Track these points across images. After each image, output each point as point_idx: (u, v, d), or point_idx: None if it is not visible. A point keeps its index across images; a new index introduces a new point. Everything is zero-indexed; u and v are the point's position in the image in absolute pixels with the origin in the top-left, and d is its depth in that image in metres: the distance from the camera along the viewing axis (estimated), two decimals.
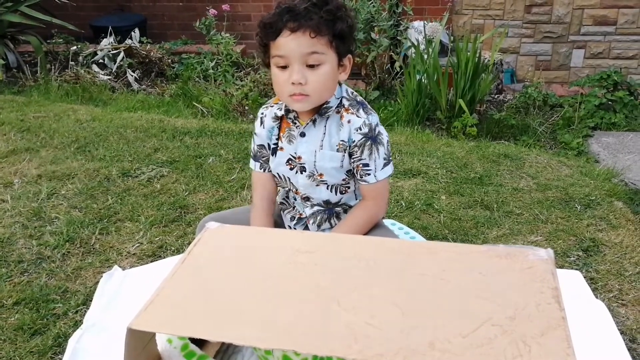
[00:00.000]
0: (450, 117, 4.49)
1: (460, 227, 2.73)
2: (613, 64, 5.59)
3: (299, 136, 1.76)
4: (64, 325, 2.08)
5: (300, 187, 1.82)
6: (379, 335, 0.94)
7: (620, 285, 2.33)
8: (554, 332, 0.93)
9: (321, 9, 1.57)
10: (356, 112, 1.70)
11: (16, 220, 2.77)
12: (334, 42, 1.60)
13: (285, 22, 1.57)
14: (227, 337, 0.98)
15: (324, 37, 1.58)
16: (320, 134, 1.73)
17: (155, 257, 2.50)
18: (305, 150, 1.75)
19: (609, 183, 3.27)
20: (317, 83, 1.61)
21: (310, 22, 1.55)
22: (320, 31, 1.57)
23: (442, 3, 5.72)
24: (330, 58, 1.61)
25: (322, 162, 1.74)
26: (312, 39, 1.57)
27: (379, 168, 1.73)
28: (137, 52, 5.79)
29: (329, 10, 1.57)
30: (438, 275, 1.09)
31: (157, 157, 3.49)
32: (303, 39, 1.57)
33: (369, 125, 1.69)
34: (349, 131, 1.70)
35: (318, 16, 1.56)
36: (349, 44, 1.66)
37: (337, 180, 1.77)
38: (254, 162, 1.90)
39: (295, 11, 1.56)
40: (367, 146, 1.70)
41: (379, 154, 1.71)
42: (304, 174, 1.78)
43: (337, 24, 1.59)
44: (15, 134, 3.88)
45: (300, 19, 1.56)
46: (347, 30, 1.62)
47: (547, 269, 1.09)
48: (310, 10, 1.56)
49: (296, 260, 1.16)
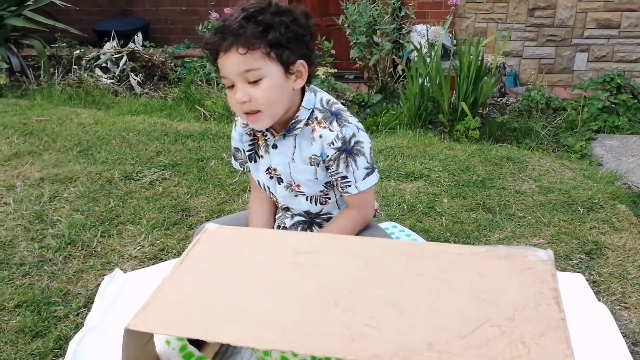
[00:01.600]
0: (452, 120, 4.48)
1: (462, 230, 2.72)
2: (616, 67, 5.58)
3: (271, 147, 1.72)
4: (65, 327, 2.08)
5: (280, 198, 1.80)
6: (377, 336, 0.94)
7: (623, 289, 2.32)
8: (553, 333, 0.93)
9: (249, 21, 1.49)
10: (329, 125, 1.62)
11: (18, 223, 2.78)
12: (271, 52, 1.51)
13: (218, 44, 1.51)
14: (225, 338, 0.98)
15: (257, 51, 1.49)
16: (290, 147, 1.68)
17: (157, 260, 2.49)
18: (279, 161, 1.72)
19: (612, 186, 3.26)
20: (262, 98, 1.54)
21: (236, 39, 1.48)
22: (252, 46, 1.48)
23: (445, 6, 5.72)
24: (270, 70, 1.53)
25: (296, 174, 1.71)
26: (243, 56, 1.49)
27: (360, 179, 1.66)
28: (140, 56, 5.81)
29: (258, 21, 1.49)
30: (437, 276, 1.09)
31: (160, 160, 3.49)
32: (235, 57, 1.50)
33: (343, 138, 1.61)
34: (321, 146, 1.63)
35: (244, 30, 1.48)
36: (297, 50, 1.56)
37: (314, 191, 1.74)
38: (234, 162, 1.89)
39: (226, 29, 1.50)
40: (342, 159, 1.63)
41: (357, 165, 1.65)
42: (281, 185, 1.76)
43: (270, 34, 1.49)
44: (18, 137, 3.89)
45: (230, 36, 1.49)
46: (286, 36, 1.52)
47: (547, 270, 1.09)
48: (241, 25, 1.49)
49: (295, 261, 1.16)
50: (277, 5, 1.53)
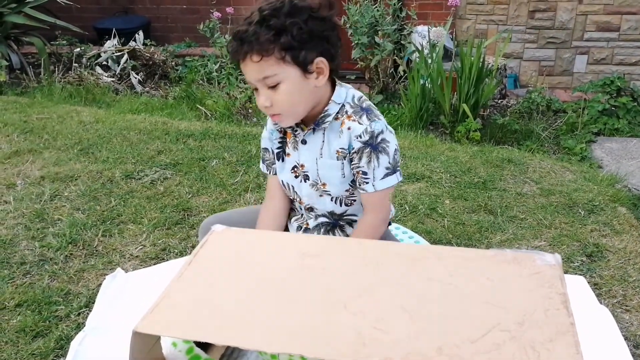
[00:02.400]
0: (453, 122, 4.48)
1: (464, 232, 2.72)
2: (616, 69, 5.58)
3: (300, 143, 1.72)
4: (66, 327, 2.08)
5: (304, 197, 1.79)
6: (386, 340, 0.94)
7: (624, 291, 2.32)
8: (562, 337, 0.93)
9: (261, 26, 1.47)
10: (358, 118, 1.62)
11: (19, 221, 2.77)
12: (286, 56, 1.49)
13: (236, 52, 1.51)
14: (232, 340, 0.97)
15: (271, 57, 1.48)
16: (319, 141, 1.68)
17: (159, 259, 2.49)
18: (307, 158, 1.72)
19: (613, 189, 3.26)
20: (282, 102, 1.55)
21: (249, 47, 1.47)
22: (265, 52, 1.47)
23: (446, 8, 5.71)
24: (287, 74, 1.51)
25: (323, 171, 1.70)
26: (258, 63, 1.49)
27: (378, 177, 1.64)
28: (141, 55, 5.80)
29: (270, 25, 1.46)
30: (445, 280, 1.09)
31: (161, 160, 3.48)
32: (251, 66, 1.50)
33: (371, 132, 1.60)
34: (348, 138, 1.63)
35: (256, 37, 1.46)
36: (314, 48, 1.53)
37: (340, 191, 1.73)
38: (262, 165, 1.89)
39: (239, 37, 1.49)
40: (365, 153, 1.62)
41: (379, 162, 1.63)
42: (307, 183, 1.75)
43: (282, 38, 1.47)
44: (19, 135, 3.89)
45: (244, 44, 1.48)
46: (299, 38, 1.49)
47: (555, 275, 1.09)
48: (249, 32, 1.47)
49: (303, 263, 1.16)
50: (292, 4, 1.49)
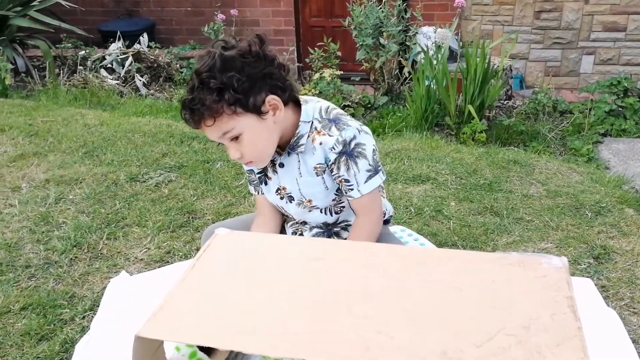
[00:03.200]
0: (459, 123, 4.47)
1: (469, 234, 2.70)
2: (623, 70, 5.56)
3: (279, 167, 1.72)
4: (71, 330, 2.07)
5: (294, 215, 1.80)
6: (390, 344, 0.93)
7: (631, 294, 2.30)
8: (569, 342, 0.92)
9: (201, 92, 1.46)
10: (328, 131, 1.61)
11: (24, 224, 2.77)
12: (236, 109, 1.48)
13: (189, 120, 1.51)
14: (236, 345, 0.96)
15: (222, 116, 1.48)
16: (295, 162, 1.68)
17: (163, 262, 2.49)
18: (287, 180, 1.72)
19: (620, 190, 3.24)
20: (250, 151, 1.56)
21: (201, 113, 1.47)
22: (216, 114, 1.47)
23: (451, 9, 5.70)
24: (244, 124, 1.51)
25: (305, 189, 1.71)
26: (213, 126, 1.49)
27: (362, 182, 1.64)
28: (146, 57, 5.80)
29: (210, 88, 1.45)
30: (450, 284, 1.08)
31: (165, 162, 3.48)
32: (208, 129, 1.50)
33: (343, 141, 1.59)
34: (323, 153, 1.62)
35: (205, 101, 1.45)
36: (260, 90, 1.52)
37: (327, 202, 1.73)
38: (250, 187, 1.90)
39: (188, 107, 1.48)
40: (343, 162, 1.61)
41: (359, 167, 1.62)
42: (293, 203, 1.76)
43: (225, 95, 1.46)
44: (24, 138, 3.89)
45: (194, 113, 1.48)
46: (241, 88, 1.48)
47: (562, 278, 1.07)
48: (199, 98, 1.46)
49: (307, 267, 1.15)
50: (222, 58, 1.47)
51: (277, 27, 6.53)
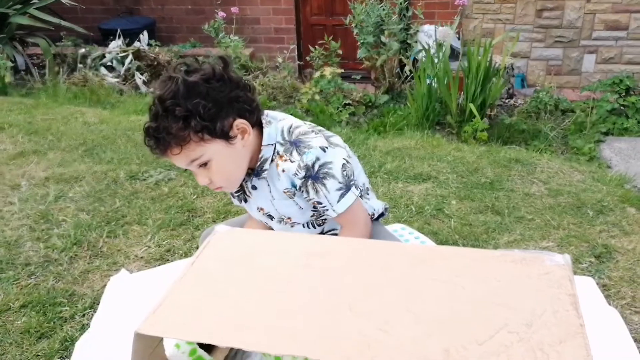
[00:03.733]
0: (460, 122, 4.46)
1: (471, 233, 2.70)
2: (625, 69, 5.54)
3: (252, 189, 1.68)
4: (70, 328, 2.07)
5: (278, 230, 1.78)
6: (392, 341, 0.92)
7: (633, 293, 2.30)
8: (572, 340, 0.91)
9: (165, 120, 1.40)
10: (289, 156, 1.55)
11: (23, 222, 2.76)
12: (204, 135, 1.44)
13: (155, 148, 1.45)
14: (236, 342, 0.96)
15: (190, 143, 1.44)
16: (265, 186, 1.65)
17: (163, 260, 2.48)
18: (262, 201, 1.70)
19: (622, 189, 3.23)
20: (219, 177, 1.53)
21: (167, 142, 1.42)
22: (182, 142, 1.43)
23: (452, 7, 5.69)
24: (212, 150, 1.48)
25: (282, 209, 1.68)
26: (179, 155, 1.45)
27: (335, 202, 1.58)
28: (146, 55, 5.80)
29: (175, 116, 1.40)
30: (452, 281, 1.07)
31: (165, 160, 3.47)
32: (173, 158, 1.46)
33: (305, 166, 1.52)
34: (287, 179, 1.57)
35: (171, 129, 1.40)
36: (227, 114, 1.48)
37: (306, 218, 1.71)
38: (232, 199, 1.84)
39: (152, 135, 1.43)
40: (310, 186, 1.56)
41: (328, 189, 1.56)
42: (274, 220, 1.74)
43: (192, 122, 1.41)
44: (23, 136, 3.88)
45: (159, 142, 1.43)
46: (208, 115, 1.43)
47: (564, 275, 1.06)
48: (164, 126, 1.41)
49: (307, 264, 1.14)
50: (186, 84, 1.42)
51: (277, 25, 6.53)
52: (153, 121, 1.43)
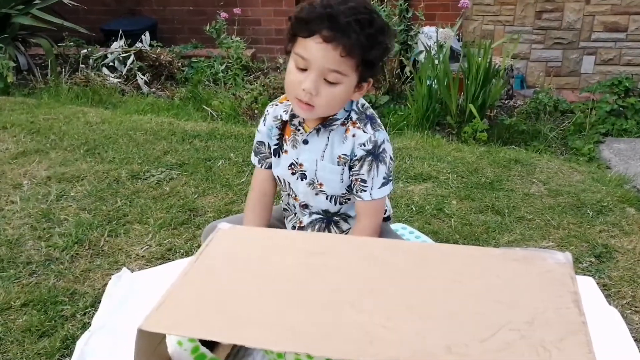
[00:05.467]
0: (460, 122, 4.47)
1: (471, 232, 2.70)
2: (624, 70, 5.55)
3: (302, 143, 1.69)
4: (72, 327, 2.07)
5: (300, 194, 1.77)
6: (394, 338, 0.92)
7: (633, 292, 2.30)
8: (574, 337, 0.91)
9: (363, 29, 1.43)
10: (363, 126, 1.62)
11: (25, 221, 2.77)
12: (361, 66, 1.49)
13: (321, 27, 1.43)
14: (239, 339, 0.96)
15: (353, 60, 1.46)
16: (322, 144, 1.66)
17: (164, 259, 2.49)
18: (307, 158, 1.69)
19: (621, 189, 3.24)
20: (328, 99, 1.52)
21: (345, 40, 1.42)
22: (352, 53, 1.44)
23: (452, 9, 5.70)
24: (350, 79, 1.51)
25: (322, 172, 1.68)
26: (341, 58, 1.44)
27: (376, 186, 1.64)
28: (147, 56, 5.80)
29: (370, 34, 1.44)
30: (453, 278, 1.07)
31: (167, 160, 3.48)
32: (331, 54, 1.44)
33: (375, 142, 1.60)
34: (352, 145, 1.62)
35: (357, 36, 1.42)
36: (375, 71, 1.56)
37: (336, 192, 1.72)
38: (253, 157, 1.84)
39: (336, 21, 1.42)
40: (367, 161, 1.62)
41: (379, 172, 1.63)
42: (304, 181, 1.73)
43: (372, 51, 1.47)
44: (25, 135, 3.89)
45: (338, 31, 1.42)
46: (379, 58, 1.52)
47: (566, 273, 1.07)
48: (351, 26, 1.41)
49: (309, 261, 1.14)
50: (380, 20, 1.49)
51: (278, 27, 6.53)
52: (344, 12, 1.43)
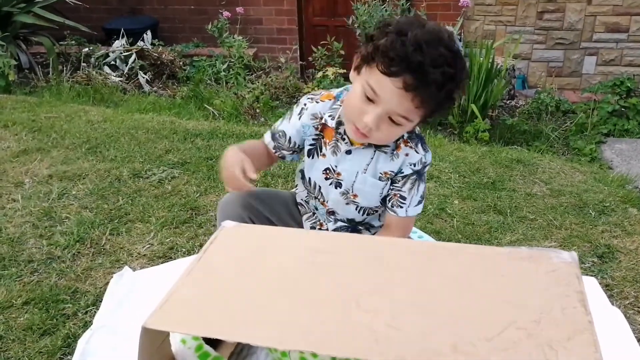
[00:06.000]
0: (462, 122, 4.46)
1: (473, 232, 2.70)
2: (625, 70, 5.55)
3: (344, 152, 1.65)
4: (73, 325, 2.06)
5: (330, 202, 1.74)
6: (400, 337, 0.92)
7: (636, 293, 2.30)
8: (580, 336, 0.91)
9: (445, 85, 1.36)
10: (415, 146, 1.60)
11: (27, 220, 2.76)
12: (430, 115, 1.45)
13: (403, 71, 1.34)
14: (243, 337, 0.96)
15: (426, 110, 1.42)
16: (367, 157, 1.63)
17: (166, 258, 2.48)
18: (347, 168, 1.66)
19: (623, 189, 3.24)
20: (385, 136, 1.50)
21: (426, 92, 1.35)
22: (427, 105, 1.39)
23: (454, 9, 5.70)
24: (414, 123, 1.48)
25: (360, 185, 1.66)
26: (412, 105, 1.39)
27: (413, 205, 1.64)
28: (149, 54, 5.80)
29: (449, 90, 1.38)
30: (460, 277, 1.07)
31: (168, 159, 3.47)
32: (407, 102, 1.38)
33: (424, 163, 1.61)
34: (401, 163, 1.60)
35: (437, 90, 1.35)
36: (442, 116, 1.56)
37: (370, 205, 1.71)
38: (270, 140, 1.76)
39: (423, 72, 1.33)
40: (411, 179, 1.61)
41: (419, 190, 1.63)
42: (338, 190, 1.70)
43: (446, 104, 1.43)
44: (27, 134, 3.88)
45: (420, 83, 1.34)
46: (448, 109, 1.49)
47: (572, 272, 1.07)
48: (437, 79, 1.34)
49: (314, 260, 1.14)
50: (464, 71, 1.42)
51: (280, 26, 6.53)
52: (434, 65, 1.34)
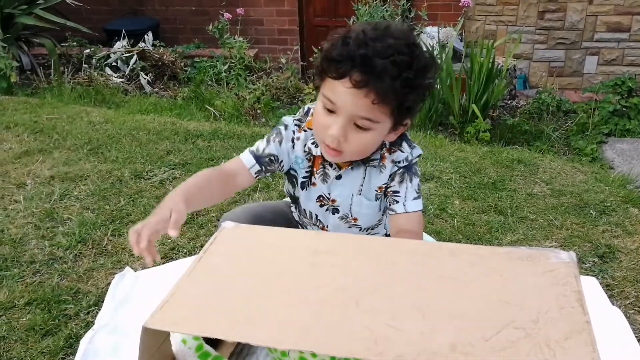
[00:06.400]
0: (463, 123, 4.47)
1: (474, 232, 2.70)
2: (627, 70, 5.55)
3: (334, 178, 1.58)
4: (75, 326, 2.07)
5: (330, 226, 1.68)
6: (399, 337, 0.92)
7: (637, 293, 2.30)
8: (578, 336, 0.91)
9: (400, 73, 1.26)
10: (399, 147, 1.52)
11: (29, 220, 2.77)
12: (396, 111, 1.33)
13: (351, 69, 1.27)
14: (243, 337, 0.96)
15: (387, 106, 1.30)
16: (358, 178, 1.56)
17: (167, 259, 2.48)
18: (340, 193, 1.59)
19: (624, 189, 3.24)
20: (357, 146, 1.39)
21: (379, 85, 1.26)
22: (386, 100, 1.28)
23: (455, 9, 5.71)
24: (383, 125, 1.37)
25: (358, 207, 1.60)
26: (373, 106, 1.29)
27: (410, 198, 1.53)
28: (150, 56, 5.81)
29: (407, 78, 1.26)
30: (458, 277, 1.07)
31: (170, 160, 3.48)
32: (362, 101, 1.29)
33: (410, 160, 1.52)
34: (390, 170, 1.53)
35: (392, 81, 1.25)
36: (414, 113, 1.41)
37: (372, 223, 1.66)
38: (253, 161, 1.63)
39: (370, 64, 1.25)
40: (399, 174, 1.52)
41: (412, 183, 1.53)
42: (336, 215, 1.64)
43: (410, 96, 1.31)
44: (29, 135, 3.89)
45: (371, 76, 1.25)
46: (418, 101, 1.36)
47: (570, 272, 1.07)
48: (387, 68, 1.25)
49: (314, 260, 1.15)
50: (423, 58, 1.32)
51: (280, 27, 6.54)
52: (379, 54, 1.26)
